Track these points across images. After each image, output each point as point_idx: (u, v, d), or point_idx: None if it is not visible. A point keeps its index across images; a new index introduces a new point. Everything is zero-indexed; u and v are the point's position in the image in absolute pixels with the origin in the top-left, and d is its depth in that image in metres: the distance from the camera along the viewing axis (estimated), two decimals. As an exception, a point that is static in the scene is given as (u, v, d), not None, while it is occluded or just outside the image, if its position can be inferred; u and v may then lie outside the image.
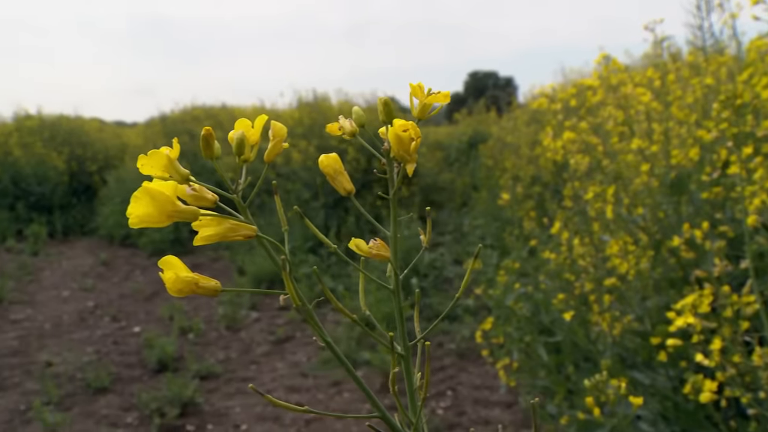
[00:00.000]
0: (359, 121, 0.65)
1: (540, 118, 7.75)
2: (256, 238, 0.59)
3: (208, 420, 4.06)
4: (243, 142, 0.59)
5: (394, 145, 0.60)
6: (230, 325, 5.76)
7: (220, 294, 0.60)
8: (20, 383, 4.56)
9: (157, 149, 2.76)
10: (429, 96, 0.62)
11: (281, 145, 0.64)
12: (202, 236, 0.58)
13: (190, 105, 11.95)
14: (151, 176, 0.56)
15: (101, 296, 6.82)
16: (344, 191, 0.66)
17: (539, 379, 3.65)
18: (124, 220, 2.79)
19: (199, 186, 0.57)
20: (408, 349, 0.63)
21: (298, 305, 0.58)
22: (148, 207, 0.53)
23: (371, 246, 0.65)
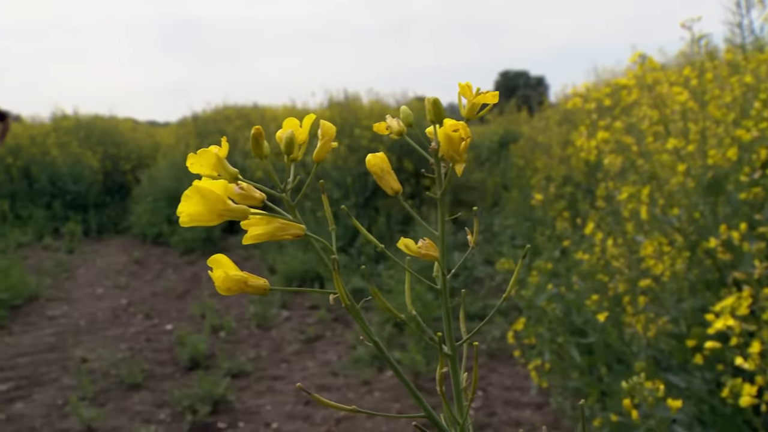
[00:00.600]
0: (407, 120, 0.65)
1: (572, 117, 7.68)
2: (305, 237, 0.59)
3: (239, 418, 4.08)
4: (292, 141, 0.59)
5: (443, 144, 0.60)
6: (261, 324, 5.79)
7: (268, 293, 0.60)
8: (57, 378, 4.64)
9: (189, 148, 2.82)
10: (478, 96, 0.62)
11: (330, 144, 0.64)
12: (251, 235, 0.58)
13: (222, 105, 12.05)
14: (200, 175, 0.56)
15: (134, 294, 6.91)
16: (391, 191, 0.66)
17: (571, 381, 3.62)
18: (157, 219, 2.84)
19: (247, 185, 0.57)
20: (455, 349, 0.63)
21: (347, 305, 0.58)
22: (198, 206, 0.54)
23: (420, 246, 0.64)
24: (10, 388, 4.48)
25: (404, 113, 0.64)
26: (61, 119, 12.26)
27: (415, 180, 8.81)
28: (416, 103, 11.18)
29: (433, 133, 0.62)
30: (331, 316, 5.97)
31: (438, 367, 0.63)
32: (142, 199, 9.89)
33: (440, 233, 0.65)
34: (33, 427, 3.93)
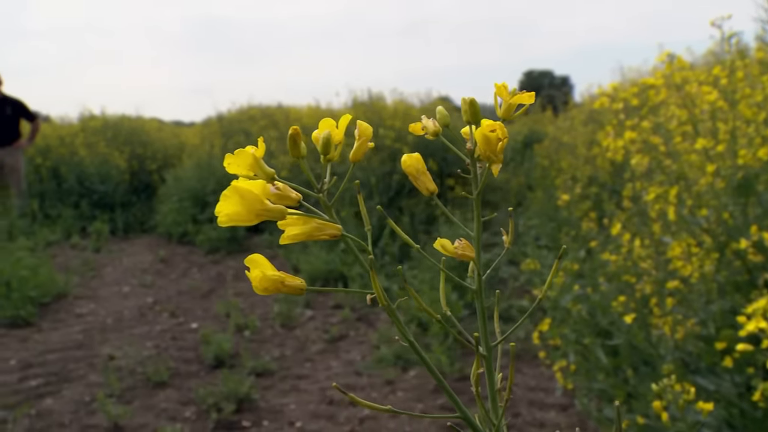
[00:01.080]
0: (444, 121, 0.65)
1: (597, 117, 7.63)
2: (342, 237, 0.59)
3: (264, 416, 4.10)
4: (329, 141, 0.59)
5: (480, 145, 0.60)
6: (285, 323, 5.82)
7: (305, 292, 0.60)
8: (85, 375, 4.69)
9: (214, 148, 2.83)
10: (514, 96, 0.62)
11: (367, 144, 0.65)
12: (288, 235, 0.58)
13: (247, 105, 12.12)
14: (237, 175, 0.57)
15: (160, 292, 6.97)
16: (427, 191, 0.66)
17: (596, 382, 3.59)
18: (182, 218, 2.86)
19: (283, 185, 0.58)
20: (490, 350, 0.63)
21: (384, 304, 0.58)
22: (237, 206, 0.54)
23: (456, 246, 0.64)
24: (40, 384, 4.54)
25: (440, 114, 0.64)
26: (89, 119, 12.40)
27: (440, 180, 8.80)
28: (440, 103, 11.16)
29: (468, 133, 0.62)
30: (355, 315, 5.98)
31: (474, 367, 0.63)
32: (168, 199, 9.98)
33: (476, 233, 0.65)
34: (62, 423, 3.98)
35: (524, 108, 0.64)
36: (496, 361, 0.63)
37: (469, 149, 0.62)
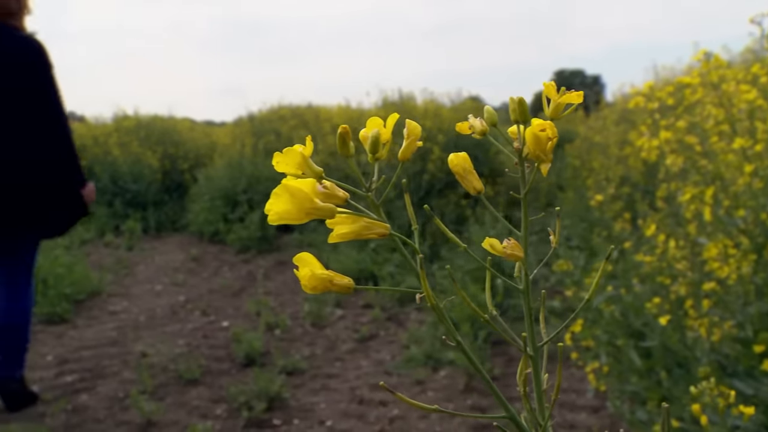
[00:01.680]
0: (491, 120, 0.65)
1: (630, 117, 7.55)
2: (390, 236, 0.59)
3: (294, 415, 4.12)
4: (378, 140, 0.60)
5: (530, 144, 0.60)
6: (315, 322, 5.84)
7: (353, 291, 0.61)
8: (118, 372, 4.76)
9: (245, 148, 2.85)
10: (562, 96, 0.62)
11: (416, 143, 0.65)
12: (337, 234, 0.59)
13: (277, 104, 12.18)
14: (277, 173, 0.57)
15: (191, 291, 7.04)
16: (473, 190, 0.66)
17: (629, 384, 3.56)
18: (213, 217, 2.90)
19: (331, 184, 0.58)
20: (536, 350, 0.62)
21: (432, 304, 0.58)
22: (287, 204, 0.54)
23: (505, 246, 0.64)
24: (75, 380, 4.62)
25: (488, 113, 0.64)
26: (123, 119, 12.56)
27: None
28: (470, 102, 11.13)
29: (516, 132, 0.62)
30: (385, 315, 5.98)
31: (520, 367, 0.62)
32: (199, 198, 10.07)
33: (523, 233, 0.64)
34: (97, 419, 4.05)
35: (573, 107, 0.63)
36: (541, 362, 0.62)
37: (517, 148, 0.62)
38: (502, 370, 4.65)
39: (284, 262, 8.16)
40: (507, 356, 4.92)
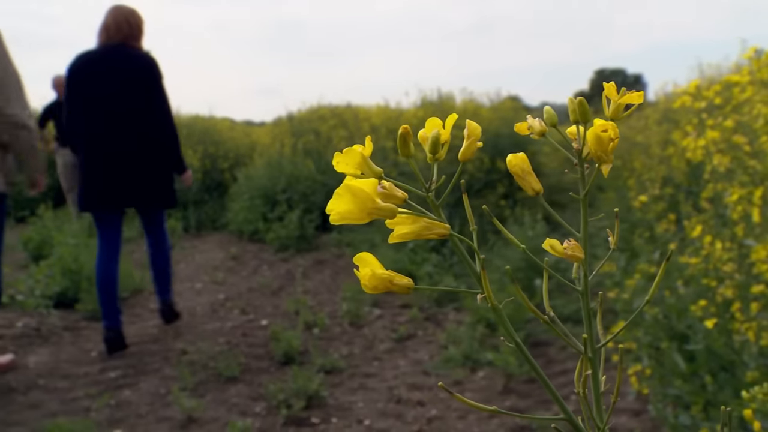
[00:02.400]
0: (551, 121, 0.64)
1: (673, 116, 7.43)
2: (450, 236, 0.59)
3: (332, 414, 4.14)
4: (438, 140, 0.60)
5: (592, 145, 0.59)
6: (353, 321, 5.86)
7: (412, 291, 0.61)
8: (160, 369, 4.83)
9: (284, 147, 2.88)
10: (623, 96, 0.61)
11: (476, 144, 0.65)
12: (398, 234, 0.59)
13: (317, 104, 12.25)
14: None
15: (231, 289, 7.12)
16: (532, 191, 0.66)
17: (671, 388, 3.50)
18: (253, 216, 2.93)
19: (389, 184, 0.58)
20: (595, 352, 0.62)
21: (493, 305, 0.58)
22: (349, 204, 0.55)
23: (566, 247, 0.64)
24: (119, 376, 4.70)
25: (548, 113, 0.63)
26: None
27: (508, 180, 8.72)
28: (509, 102, 11.06)
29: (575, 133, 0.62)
30: (423, 315, 5.98)
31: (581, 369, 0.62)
32: (239, 197, 10.17)
33: (583, 234, 0.64)
34: (139, 414, 4.11)
35: (633, 108, 0.63)
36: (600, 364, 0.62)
37: (577, 149, 0.62)
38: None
39: (323, 261, 8.20)
40: (546, 358, 4.88)
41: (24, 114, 4.21)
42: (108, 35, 4.75)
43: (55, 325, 5.75)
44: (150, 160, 4.86)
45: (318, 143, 10.71)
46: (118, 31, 4.74)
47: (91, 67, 4.70)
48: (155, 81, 4.80)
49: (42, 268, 6.71)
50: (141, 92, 4.74)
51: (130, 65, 4.72)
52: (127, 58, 4.73)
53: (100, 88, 4.67)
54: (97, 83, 4.68)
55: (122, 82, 4.69)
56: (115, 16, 4.74)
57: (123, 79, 4.69)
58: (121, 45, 4.76)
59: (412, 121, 9.31)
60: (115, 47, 4.74)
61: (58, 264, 6.55)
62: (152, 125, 4.82)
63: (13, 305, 6.14)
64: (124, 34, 4.75)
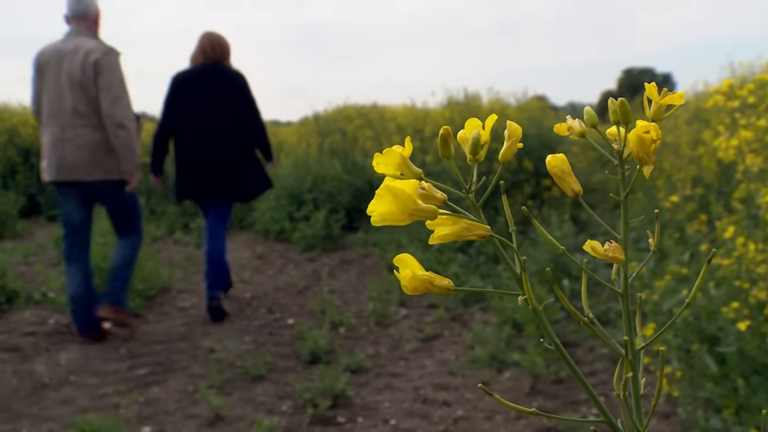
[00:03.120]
0: (591, 121, 0.64)
1: (703, 116, 7.33)
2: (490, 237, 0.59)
3: (358, 413, 4.15)
4: (478, 141, 0.60)
5: (634, 146, 0.59)
6: (380, 321, 5.86)
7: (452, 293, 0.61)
8: (187, 367, 4.87)
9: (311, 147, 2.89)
10: (664, 97, 0.61)
11: (516, 145, 0.64)
12: (438, 235, 0.59)
13: (342, 104, 12.25)
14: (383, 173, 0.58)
15: (257, 288, 7.16)
16: (572, 192, 0.65)
17: (702, 391, 3.46)
18: (279, 216, 2.96)
19: (429, 185, 0.58)
20: (635, 354, 0.61)
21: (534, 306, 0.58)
22: (390, 205, 0.55)
23: (606, 248, 0.63)
24: (147, 373, 4.75)
25: (588, 114, 0.63)
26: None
27: (535, 180, 8.67)
28: (536, 102, 11.00)
29: (615, 134, 0.61)
30: (449, 315, 5.96)
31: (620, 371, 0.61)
32: (266, 197, 10.21)
33: (623, 236, 0.63)
34: (167, 411, 4.15)
35: (675, 108, 0.62)
36: (639, 366, 0.61)
37: (618, 150, 0.61)
38: (568, 373, 4.58)
39: (349, 261, 8.22)
40: (573, 359, 4.83)
41: (127, 115, 4.90)
42: (205, 56, 5.74)
43: (85, 322, 5.82)
44: (233, 158, 5.86)
45: (344, 143, 10.72)
46: (213, 53, 5.72)
47: (195, 81, 5.72)
48: (245, 92, 5.82)
49: (72, 266, 6.79)
50: (233, 102, 5.75)
51: (224, 80, 5.74)
52: (222, 75, 5.75)
53: (200, 100, 5.66)
54: (198, 96, 5.67)
55: (218, 95, 5.69)
56: (210, 40, 5.74)
57: (219, 92, 5.69)
58: (216, 64, 5.75)
59: (438, 121, 9.29)
60: (211, 66, 5.74)
61: (88, 262, 6.62)
62: (242, 127, 5.84)
63: (45, 303, 6.23)
64: (217, 56, 5.74)
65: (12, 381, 4.58)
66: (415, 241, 7.56)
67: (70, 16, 4.98)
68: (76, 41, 4.87)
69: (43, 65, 4.88)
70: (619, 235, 0.65)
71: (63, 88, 4.81)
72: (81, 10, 4.96)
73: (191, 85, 5.72)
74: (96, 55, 4.80)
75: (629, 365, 0.62)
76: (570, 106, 29.37)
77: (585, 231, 8.26)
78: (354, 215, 9.61)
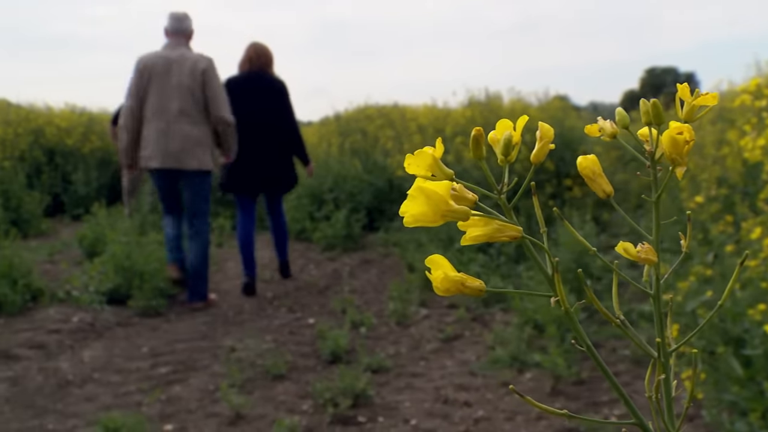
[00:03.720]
0: (623, 122, 0.63)
1: (728, 115, 7.26)
2: (522, 239, 0.59)
3: (379, 413, 4.15)
4: (510, 142, 0.59)
5: (667, 147, 0.58)
6: (400, 321, 5.86)
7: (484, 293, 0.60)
8: (209, 365, 4.90)
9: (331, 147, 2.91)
10: (697, 98, 0.60)
11: (548, 146, 0.64)
12: (470, 236, 0.59)
13: (363, 104, 12.26)
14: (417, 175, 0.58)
15: (278, 288, 7.18)
16: (603, 194, 0.65)
17: (727, 394, 3.42)
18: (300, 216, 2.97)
19: (460, 186, 0.58)
20: (667, 357, 0.61)
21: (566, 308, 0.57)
22: (423, 206, 0.55)
23: (639, 250, 0.63)
24: (169, 372, 4.79)
25: (620, 115, 0.63)
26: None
27: (556, 180, 8.62)
28: (557, 102, 10.94)
29: (647, 135, 0.61)
30: (470, 315, 5.95)
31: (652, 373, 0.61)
32: (286, 196, 10.24)
33: (654, 237, 0.63)
34: (189, 410, 4.18)
35: (707, 109, 0.61)
36: (671, 368, 0.61)
37: (650, 152, 0.61)
38: (590, 374, 4.55)
39: (369, 261, 8.23)
40: (595, 361, 4.81)
41: (229, 116, 5.91)
42: (251, 65, 6.58)
43: (108, 320, 5.89)
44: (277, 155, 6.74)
45: (365, 143, 10.73)
46: (258, 61, 6.57)
47: (242, 86, 6.46)
48: (285, 97, 6.69)
49: (96, 264, 6.87)
50: (276, 105, 6.59)
51: (267, 86, 6.56)
52: (265, 81, 6.58)
53: (248, 104, 6.38)
54: (247, 98, 6.40)
55: (263, 99, 6.49)
56: (256, 50, 6.58)
57: (264, 96, 6.49)
58: (261, 71, 6.59)
59: (459, 120, 9.26)
60: (256, 73, 6.59)
61: (110, 261, 6.70)
62: (283, 131, 6.68)
63: (69, 301, 6.30)
64: (261, 63, 6.59)
65: (37, 378, 4.63)
66: (435, 241, 7.54)
67: (170, 31, 5.96)
68: (180, 52, 5.86)
69: (146, 69, 5.76)
70: (650, 236, 0.64)
71: (171, 90, 5.72)
72: (182, 29, 5.98)
73: (240, 89, 6.42)
74: (203, 65, 5.77)
75: (661, 367, 0.61)
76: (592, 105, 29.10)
77: (606, 231, 8.21)
78: (374, 215, 9.61)
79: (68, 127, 12.50)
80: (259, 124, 6.45)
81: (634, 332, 0.61)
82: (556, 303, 0.59)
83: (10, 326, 5.61)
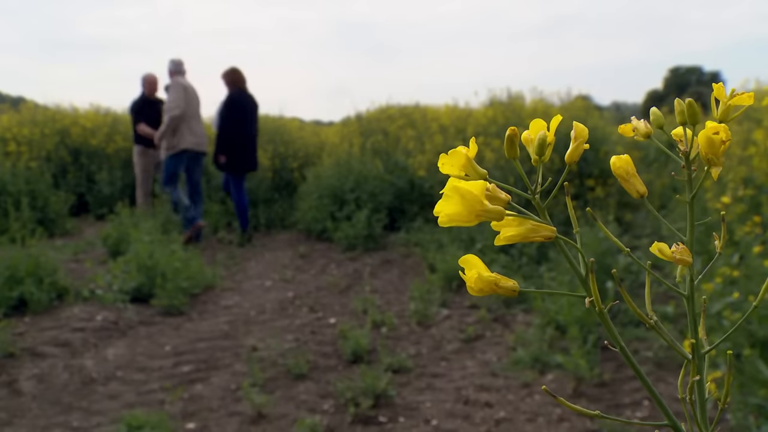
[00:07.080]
0: (658, 122, 0.63)
1: (754, 115, 7.17)
2: (556, 239, 0.59)
3: (400, 413, 4.15)
4: (545, 142, 0.59)
5: (703, 147, 0.58)
6: (421, 321, 5.85)
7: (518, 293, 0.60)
8: (230, 364, 4.93)
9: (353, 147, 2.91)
10: (733, 97, 0.60)
11: (583, 146, 0.64)
12: (504, 236, 0.59)
13: (385, 104, 12.25)
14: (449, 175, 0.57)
15: (300, 287, 7.21)
16: (636, 194, 0.65)
17: (753, 397, 3.38)
18: (321, 215, 2.99)
19: (493, 186, 0.58)
20: (701, 357, 0.60)
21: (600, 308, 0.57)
22: (457, 206, 0.55)
23: (674, 251, 0.63)
24: (191, 371, 4.82)
25: (654, 115, 0.62)
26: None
27: (578, 181, 8.57)
28: (580, 102, 10.87)
29: (682, 135, 0.60)
30: (491, 316, 5.93)
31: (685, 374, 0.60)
32: (308, 196, 10.27)
33: (689, 238, 0.63)
34: (211, 408, 4.21)
35: (743, 109, 0.61)
36: (705, 370, 0.60)
37: (685, 151, 0.60)
38: (612, 376, 4.52)
39: (390, 261, 8.23)
40: (617, 361, 4.78)
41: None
42: (241, 85, 9.39)
43: (131, 319, 5.94)
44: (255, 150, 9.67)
45: (386, 143, 10.73)
46: (244, 83, 9.44)
47: (243, 102, 9.37)
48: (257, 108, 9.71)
49: (119, 263, 6.94)
50: (256, 114, 9.63)
51: (254, 102, 9.55)
52: (252, 98, 9.53)
53: (245, 112, 9.33)
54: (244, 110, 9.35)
55: (252, 110, 9.50)
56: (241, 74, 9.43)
57: (252, 109, 9.51)
58: (246, 91, 9.47)
59: (481, 120, 9.24)
60: (246, 92, 9.47)
61: (134, 260, 6.76)
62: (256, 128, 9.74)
63: (93, 299, 6.36)
64: (245, 84, 9.45)
65: (63, 375, 4.69)
66: (457, 241, 7.53)
67: (174, 71, 9.20)
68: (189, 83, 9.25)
69: (186, 89, 9.08)
70: (684, 237, 0.63)
71: (195, 104, 9.25)
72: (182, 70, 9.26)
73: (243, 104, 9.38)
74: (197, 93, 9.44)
75: (695, 369, 0.60)
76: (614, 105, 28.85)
77: (629, 232, 8.14)
78: (396, 215, 9.61)
79: (93, 127, 12.63)
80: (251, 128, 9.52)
81: (667, 333, 0.60)
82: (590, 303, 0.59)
83: (37, 324, 5.68)
